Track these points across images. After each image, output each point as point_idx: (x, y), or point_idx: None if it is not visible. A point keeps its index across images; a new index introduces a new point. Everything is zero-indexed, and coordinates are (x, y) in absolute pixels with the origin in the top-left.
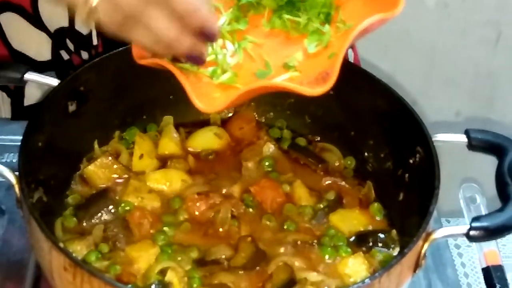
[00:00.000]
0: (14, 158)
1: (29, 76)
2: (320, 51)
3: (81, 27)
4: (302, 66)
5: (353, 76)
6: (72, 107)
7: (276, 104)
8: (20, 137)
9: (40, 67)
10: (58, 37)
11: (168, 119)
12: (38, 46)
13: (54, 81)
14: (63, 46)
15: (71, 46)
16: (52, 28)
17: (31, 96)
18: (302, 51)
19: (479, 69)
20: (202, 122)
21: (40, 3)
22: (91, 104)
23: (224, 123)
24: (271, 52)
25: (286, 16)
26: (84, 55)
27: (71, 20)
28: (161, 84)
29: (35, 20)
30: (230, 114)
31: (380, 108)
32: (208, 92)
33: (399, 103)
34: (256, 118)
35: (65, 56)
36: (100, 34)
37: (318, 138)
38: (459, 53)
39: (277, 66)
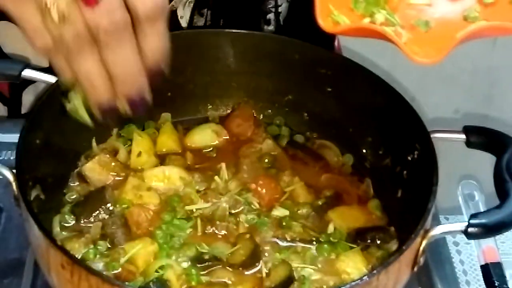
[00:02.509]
0: (11, 155)
1: (27, 73)
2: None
3: None
4: (484, 16)
5: (351, 72)
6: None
7: (274, 101)
8: (18, 135)
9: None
10: None
11: (166, 116)
12: (34, 54)
13: (51, 78)
14: None
15: None
16: None
17: (29, 104)
18: (476, 1)
19: (477, 66)
20: (200, 119)
21: None
22: None
23: (222, 120)
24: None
25: None
26: None
27: None
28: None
29: None
30: (229, 111)
31: (379, 104)
32: (422, 44)
33: (398, 100)
34: (254, 115)
35: None
36: None
37: (316, 135)
38: (457, 50)
39: (457, 22)
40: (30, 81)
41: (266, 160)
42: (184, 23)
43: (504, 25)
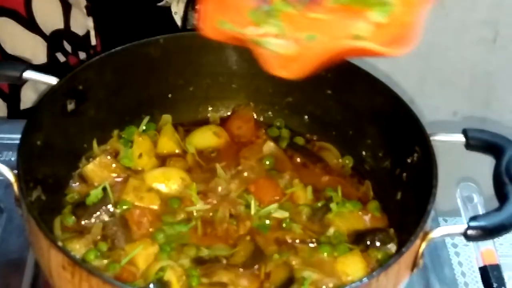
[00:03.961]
0: (12, 156)
1: (28, 74)
2: (388, 21)
3: (77, 28)
4: (372, 35)
5: (351, 75)
6: (70, 106)
7: (274, 104)
8: (19, 136)
9: (36, 71)
10: (54, 40)
11: (167, 118)
12: (33, 50)
13: (52, 80)
14: (59, 48)
15: (68, 47)
16: (47, 31)
17: (28, 100)
18: (368, 23)
19: (476, 69)
20: (201, 121)
21: (34, 7)
22: (89, 103)
23: (223, 122)
24: (338, 27)
25: None
26: (82, 55)
27: (67, 22)
28: (160, 83)
29: (30, 23)
30: (229, 113)
31: (378, 107)
32: (286, 59)
33: (397, 102)
34: (255, 117)
35: (62, 58)
36: (98, 34)
37: (316, 137)
38: (456, 53)
39: (347, 39)
40: None
41: (267, 162)
42: (178, 19)
43: (371, 47)
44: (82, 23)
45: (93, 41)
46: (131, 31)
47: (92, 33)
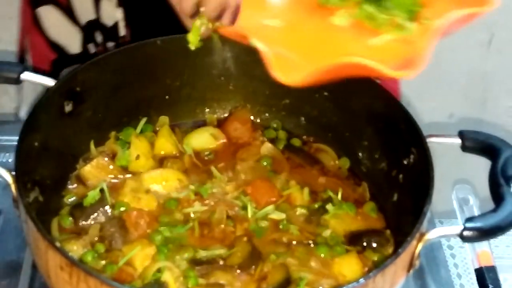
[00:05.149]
0: (10, 158)
1: (25, 76)
2: (401, 45)
3: (106, 19)
4: (381, 57)
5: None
6: (68, 107)
7: (271, 105)
8: (17, 137)
9: (71, 60)
10: (88, 30)
11: (164, 120)
12: (70, 39)
13: (50, 81)
14: (91, 39)
15: (99, 38)
16: (82, 21)
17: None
18: (381, 41)
19: (472, 71)
20: (198, 122)
21: None
22: (87, 104)
23: (220, 123)
24: (350, 41)
25: (370, 9)
26: (110, 46)
27: (98, 12)
28: (157, 84)
29: (69, 13)
30: (226, 115)
31: (375, 109)
32: (288, 64)
33: (394, 104)
34: (252, 119)
35: (92, 49)
36: (128, 25)
37: (313, 139)
38: (452, 55)
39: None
40: (69, 63)
41: (265, 163)
42: None
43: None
44: (111, 14)
45: (122, 32)
46: (160, 22)
47: (121, 24)
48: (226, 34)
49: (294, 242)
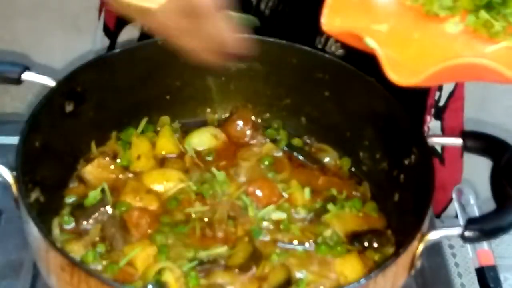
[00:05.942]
0: (11, 158)
1: (26, 76)
2: None
3: None
4: (500, 59)
5: (348, 77)
6: (69, 107)
7: (272, 105)
8: (17, 137)
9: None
10: None
11: (165, 120)
12: None
13: (50, 82)
14: None
15: None
16: None
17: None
18: (494, 48)
19: None
20: (199, 122)
21: None
22: (88, 104)
23: (221, 123)
24: (463, 47)
25: (484, 16)
26: None
27: None
28: (158, 84)
29: None
30: (227, 115)
31: (375, 109)
32: (402, 65)
33: (394, 104)
34: (253, 119)
35: None
36: None
37: (314, 139)
38: None
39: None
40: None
41: (266, 163)
42: None
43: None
44: None
45: None
46: None
47: None
48: (335, 35)
49: (295, 242)
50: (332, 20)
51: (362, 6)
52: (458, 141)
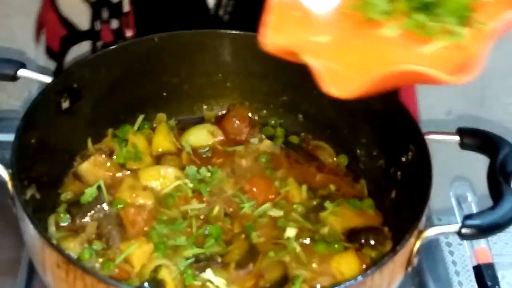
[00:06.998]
0: (7, 155)
1: (22, 73)
2: (453, 51)
3: None
4: (434, 63)
5: None
6: (65, 104)
7: (269, 102)
8: (13, 134)
9: (79, 37)
10: (96, 7)
11: (162, 117)
12: (80, 15)
13: (46, 78)
14: (98, 16)
15: (105, 15)
16: None
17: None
18: (432, 48)
19: None
20: (196, 119)
21: None
22: (84, 101)
23: (218, 120)
24: (400, 51)
25: (420, 18)
26: (114, 24)
27: None
28: (155, 81)
29: None
30: (224, 112)
31: (373, 106)
32: (340, 77)
33: (392, 102)
34: (250, 116)
35: (98, 26)
36: (132, 3)
37: (311, 136)
38: None
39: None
40: (78, 40)
41: (263, 160)
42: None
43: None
44: None
45: (126, 8)
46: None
47: (126, 0)
48: (273, 52)
49: (292, 239)
50: (275, 39)
51: (303, 20)
52: (455, 138)
